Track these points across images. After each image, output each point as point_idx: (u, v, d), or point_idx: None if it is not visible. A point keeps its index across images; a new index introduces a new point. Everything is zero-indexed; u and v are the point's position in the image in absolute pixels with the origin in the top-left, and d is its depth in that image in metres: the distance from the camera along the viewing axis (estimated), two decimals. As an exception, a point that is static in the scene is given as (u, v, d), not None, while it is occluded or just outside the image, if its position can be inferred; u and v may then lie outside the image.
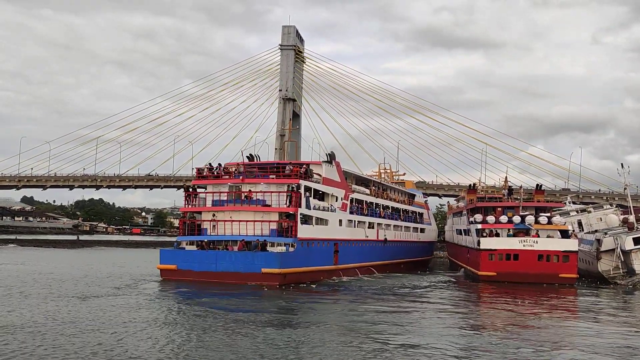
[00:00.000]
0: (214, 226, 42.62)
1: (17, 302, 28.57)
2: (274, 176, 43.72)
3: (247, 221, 41.41)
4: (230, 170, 44.81)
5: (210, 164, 46.30)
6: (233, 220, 41.71)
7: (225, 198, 43.12)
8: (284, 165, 44.53)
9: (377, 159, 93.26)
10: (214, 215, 42.80)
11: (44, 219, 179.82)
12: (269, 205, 41.94)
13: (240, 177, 43.31)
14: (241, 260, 39.42)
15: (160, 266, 41.61)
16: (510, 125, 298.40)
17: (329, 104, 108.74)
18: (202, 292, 34.43)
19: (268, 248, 40.40)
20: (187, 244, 43.40)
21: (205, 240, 42.06)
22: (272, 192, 42.24)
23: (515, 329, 25.29)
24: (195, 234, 42.92)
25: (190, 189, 45.09)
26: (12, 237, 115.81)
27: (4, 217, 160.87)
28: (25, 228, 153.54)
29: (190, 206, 44.27)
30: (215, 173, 44.69)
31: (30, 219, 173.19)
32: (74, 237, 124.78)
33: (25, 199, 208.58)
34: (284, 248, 40.56)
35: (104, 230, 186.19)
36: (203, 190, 45.13)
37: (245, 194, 42.46)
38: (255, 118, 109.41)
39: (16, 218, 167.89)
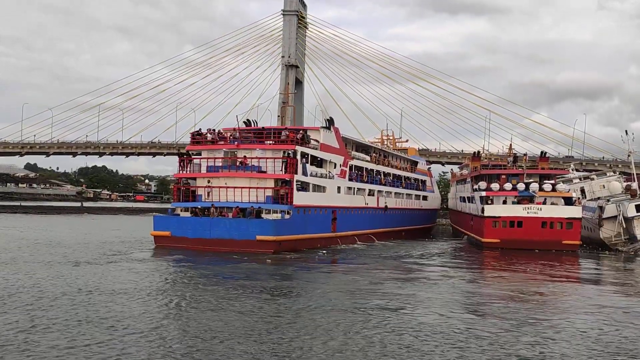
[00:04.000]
0: (208, 193, 41.95)
1: (7, 268, 28.27)
2: (270, 142, 42.85)
3: (242, 188, 40.73)
4: (226, 135, 43.98)
5: (200, 129, 45.51)
6: (228, 187, 41.02)
7: (220, 164, 42.38)
8: (279, 131, 43.61)
9: (380, 126, 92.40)
10: (208, 181, 42.10)
11: (47, 185, 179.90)
12: (265, 172, 41.17)
13: (235, 143, 42.45)
14: (235, 227, 38.83)
15: (154, 233, 41.16)
16: (514, 92, 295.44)
17: (332, 71, 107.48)
18: (195, 259, 34.01)
19: (263, 215, 39.80)
20: (181, 211, 42.84)
21: (199, 206, 41.47)
22: (267, 158, 41.44)
23: (519, 295, 24.98)
24: (190, 200, 42.33)
25: (185, 155, 44.34)
26: (17, 203, 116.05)
27: (8, 184, 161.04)
28: (29, 195, 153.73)
29: (184, 172, 43.57)
30: (210, 138, 43.86)
31: (34, 185, 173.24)
32: (78, 204, 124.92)
33: (28, 166, 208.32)
34: (279, 215, 39.91)
35: (108, 197, 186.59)
36: (198, 156, 44.35)
37: (240, 160, 41.69)
38: (258, 85, 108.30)
39: (20, 185, 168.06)
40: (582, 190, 59.03)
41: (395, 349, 15.32)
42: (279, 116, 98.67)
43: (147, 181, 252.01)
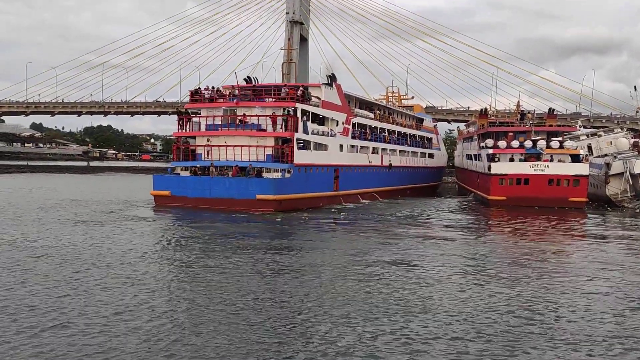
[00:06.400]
0: (208, 151, 41.40)
1: (8, 225, 28.21)
2: (270, 99, 42.04)
3: (242, 146, 40.14)
4: (225, 93, 43.19)
5: (199, 88, 44.64)
6: (227, 146, 40.44)
7: (219, 122, 41.70)
8: (279, 88, 42.76)
9: (385, 84, 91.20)
10: (208, 140, 41.51)
11: (54, 145, 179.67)
12: (264, 130, 40.50)
13: (235, 101, 41.69)
14: (235, 186, 38.41)
15: (153, 192, 40.82)
16: (521, 49, 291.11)
17: (337, 27, 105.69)
18: (194, 218, 33.64)
19: (263, 174, 39.30)
20: (181, 170, 42.39)
21: (199, 165, 40.97)
22: (267, 115, 40.68)
23: (528, 251, 24.66)
24: (190, 159, 41.82)
25: (184, 113, 43.68)
26: (24, 163, 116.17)
27: (14, 144, 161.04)
28: (36, 154, 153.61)
29: (183, 131, 42.94)
30: (210, 96, 43.08)
31: (41, 145, 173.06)
32: (85, 164, 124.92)
33: (34, 126, 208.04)
34: (279, 174, 39.39)
35: (114, 156, 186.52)
36: (197, 114, 43.61)
37: (240, 118, 40.99)
38: (262, 42, 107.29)
39: (26, 144, 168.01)
40: (590, 147, 58.50)
41: (407, 305, 15.11)
42: (283, 74, 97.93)
43: (152, 140, 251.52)
